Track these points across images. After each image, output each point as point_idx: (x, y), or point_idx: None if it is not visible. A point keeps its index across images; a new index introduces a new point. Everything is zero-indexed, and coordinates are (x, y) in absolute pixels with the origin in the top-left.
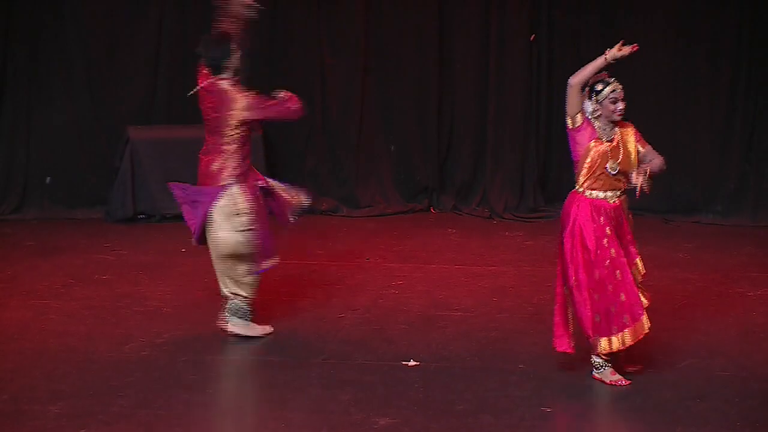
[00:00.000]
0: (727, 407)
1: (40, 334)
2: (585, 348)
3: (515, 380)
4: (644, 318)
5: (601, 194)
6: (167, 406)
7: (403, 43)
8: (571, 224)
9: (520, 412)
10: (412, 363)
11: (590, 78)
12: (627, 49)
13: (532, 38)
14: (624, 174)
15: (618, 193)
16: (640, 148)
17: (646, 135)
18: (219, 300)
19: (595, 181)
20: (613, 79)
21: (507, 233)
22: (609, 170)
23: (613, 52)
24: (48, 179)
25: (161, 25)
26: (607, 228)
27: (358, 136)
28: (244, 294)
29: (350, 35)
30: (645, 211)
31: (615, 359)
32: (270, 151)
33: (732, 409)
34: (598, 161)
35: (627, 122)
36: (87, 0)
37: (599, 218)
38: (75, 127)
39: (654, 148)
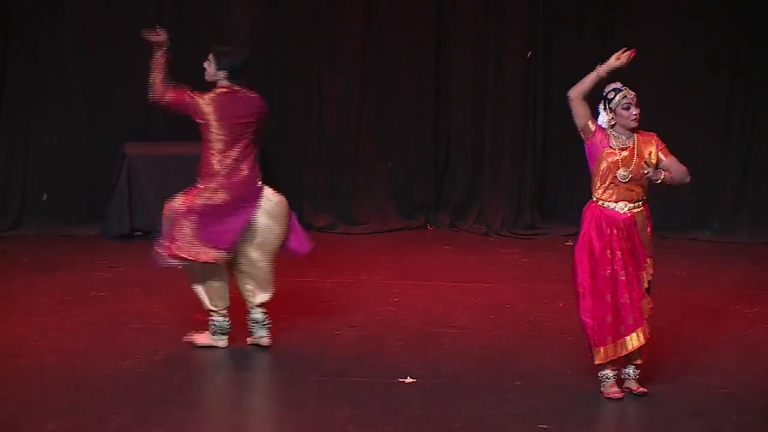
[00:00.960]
0: (725, 424)
1: (38, 350)
2: (580, 366)
3: (512, 397)
4: (628, 338)
5: (612, 205)
6: (164, 423)
7: (400, 60)
8: (581, 233)
9: (516, 430)
10: (409, 380)
11: (589, 89)
12: (625, 57)
13: (529, 55)
14: (637, 182)
15: (631, 205)
16: (662, 157)
17: None
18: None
19: (605, 191)
20: (624, 87)
21: (504, 250)
22: (619, 178)
23: (610, 63)
24: (45, 196)
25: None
26: (615, 241)
27: (355, 152)
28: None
29: (348, 51)
30: None
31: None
32: (267, 167)
33: (729, 426)
34: (609, 169)
35: (650, 132)
36: (84, 18)
37: (608, 230)
38: (72, 144)
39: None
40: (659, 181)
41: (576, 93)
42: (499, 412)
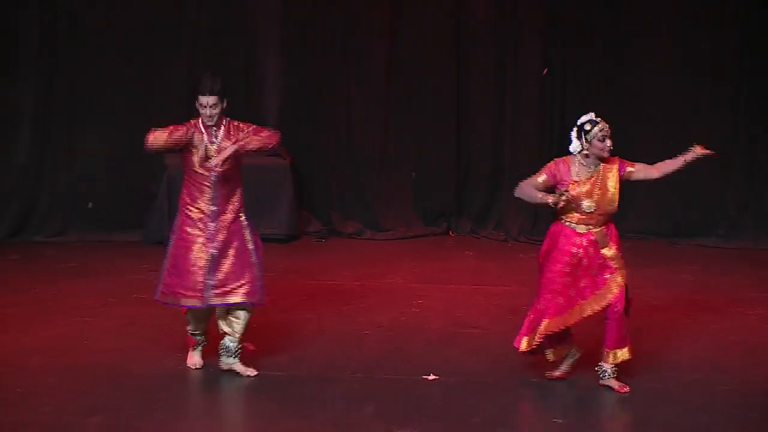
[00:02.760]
0: (729, 421)
1: (83, 350)
2: (590, 365)
3: (528, 394)
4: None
5: (574, 225)
6: (202, 417)
7: (423, 78)
8: (545, 245)
9: (533, 424)
10: (431, 377)
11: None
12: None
13: (544, 72)
14: (603, 212)
15: (591, 226)
16: (630, 169)
17: (652, 161)
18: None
19: (568, 214)
20: (599, 119)
21: (521, 255)
22: (585, 209)
23: (555, 200)
24: (90, 205)
25: (194, 61)
26: (572, 257)
27: (381, 164)
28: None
29: (374, 71)
30: (652, 234)
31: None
32: (298, 178)
33: (733, 423)
34: (574, 199)
35: (613, 157)
36: (125, 38)
37: (565, 245)
38: (113, 157)
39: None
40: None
41: (517, 196)
42: (516, 408)
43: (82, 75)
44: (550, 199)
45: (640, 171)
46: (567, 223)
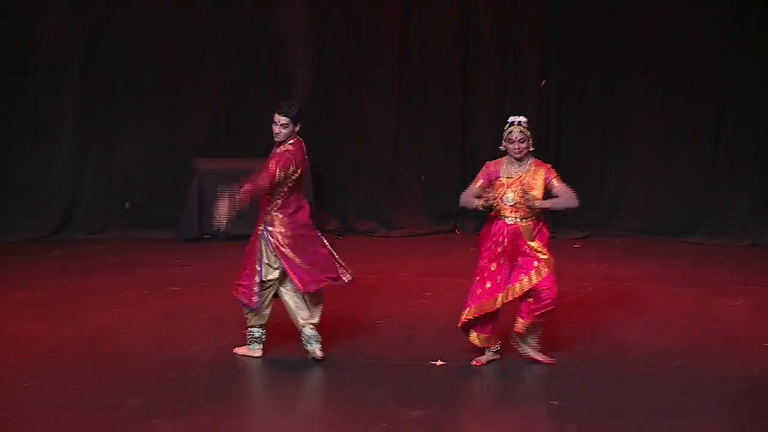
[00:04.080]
0: (712, 403)
1: (121, 338)
2: (586, 352)
3: (528, 378)
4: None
5: (501, 215)
6: (230, 400)
7: (432, 90)
8: (482, 229)
9: (532, 405)
10: (439, 363)
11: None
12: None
13: (542, 84)
14: (522, 204)
15: (517, 218)
16: (554, 181)
17: (643, 165)
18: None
19: (497, 206)
20: (516, 120)
21: None
22: (505, 201)
23: (483, 203)
24: (127, 204)
25: (225, 69)
26: (497, 244)
27: (393, 168)
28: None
29: (386, 84)
30: (642, 233)
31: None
32: (318, 183)
33: (715, 404)
34: (498, 195)
35: (544, 163)
36: (159, 44)
37: (495, 233)
38: (149, 160)
39: (570, 188)
40: (536, 207)
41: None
42: (516, 391)
43: (120, 80)
44: (479, 202)
45: (557, 189)
46: (498, 215)
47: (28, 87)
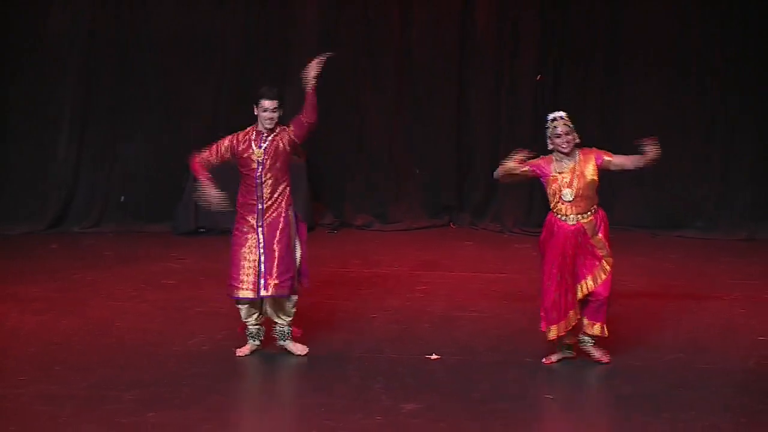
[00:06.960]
0: (709, 395)
1: (117, 330)
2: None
3: (523, 372)
4: (563, 322)
5: (562, 216)
6: (227, 392)
7: (429, 83)
8: (543, 234)
9: (527, 399)
10: (435, 357)
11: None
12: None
13: (538, 78)
14: (582, 198)
15: (579, 216)
16: (607, 158)
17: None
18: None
19: (555, 206)
20: (557, 115)
21: (516, 245)
22: (563, 198)
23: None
24: (122, 198)
25: (224, 65)
26: (563, 245)
27: (389, 162)
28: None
29: (384, 77)
30: (635, 226)
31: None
32: (313, 176)
33: (712, 397)
34: (555, 192)
35: (591, 149)
36: (160, 41)
37: (559, 235)
38: (145, 154)
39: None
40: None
41: (498, 175)
42: (512, 385)
43: (118, 76)
44: (516, 159)
45: (616, 160)
46: (558, 216)
47: (27, 82)
